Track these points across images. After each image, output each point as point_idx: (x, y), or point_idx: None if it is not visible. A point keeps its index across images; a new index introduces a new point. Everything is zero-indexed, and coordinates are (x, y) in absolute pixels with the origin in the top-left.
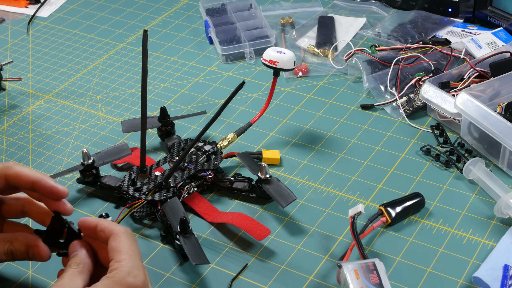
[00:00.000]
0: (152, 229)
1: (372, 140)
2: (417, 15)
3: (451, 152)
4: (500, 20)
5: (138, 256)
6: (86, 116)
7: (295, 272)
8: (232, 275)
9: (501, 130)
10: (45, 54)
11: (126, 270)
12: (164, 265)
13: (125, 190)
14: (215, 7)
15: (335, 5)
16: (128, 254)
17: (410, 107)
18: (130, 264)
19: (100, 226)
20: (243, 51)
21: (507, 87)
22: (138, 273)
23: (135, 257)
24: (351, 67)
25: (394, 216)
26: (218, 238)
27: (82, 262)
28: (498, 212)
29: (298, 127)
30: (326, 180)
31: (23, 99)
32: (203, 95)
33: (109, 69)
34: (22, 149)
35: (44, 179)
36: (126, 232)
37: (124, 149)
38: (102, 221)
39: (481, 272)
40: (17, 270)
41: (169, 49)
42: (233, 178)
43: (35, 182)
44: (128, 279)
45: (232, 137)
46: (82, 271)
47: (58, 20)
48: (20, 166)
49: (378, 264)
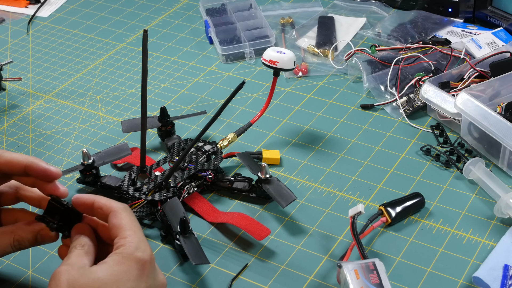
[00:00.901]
0: (152, 229)
1: (372, 140)
2: (417, 15)
3: (451, 152)
4: (500, 20)
5: (141, 231)
6: (86, 116)
7: (295, 272)
8: (232, 275)
9: (501, 130)
10: (45, 54)
11: (134, 245)
12: (164, 265)
13: (125, 190)
14: (215, 7)
15: (335, 5)
16: (132, 230)
17: (410, 107)
18: (136, 239)
19: (97, 203)
20: (243, 51)
21: (507, 87)
22: (145, 248)
23: (139, 232)
24: (351, 67)
25: (394, 216)
26: (218, 238)
27: (86, 243)
28: (498, 212)
29: (298, 127)
30: (326, 180)
31: (23, 99)
32: (203, 95)
33: (109, 69)
34: (22, 149)
35: (36, 162)
36: (125, 209)
37: (124, 149)
38: (99, 198)
39: (481, 272)
40: (17, 270)
41: (169, 49)
42: (233, 178)
43: (27, 166)
44: (137, 254)
45: (232, 137)
46: (87, 252)
47: (58, 20)
48: (9, 153)
49: (378, 264)
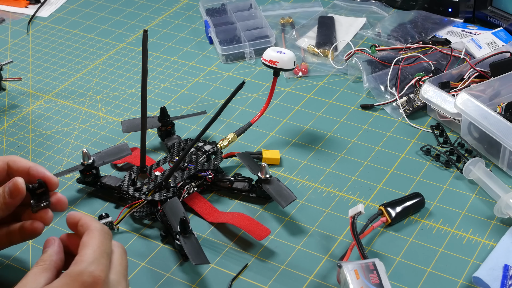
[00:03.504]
0: (152, 229)
1: (372, 140)
2: (417, 15)
3: (451, 152)
4: (500, 20)
5: (105, 254)
6: (86, 116)
7: (295, 272)
8: (232, 275)
9: (501, 130)
10: (45, 54)
11: (84, 265)
12: (164, 265)
13: (125, 190)
14: (215, 7)
15: (335, 5)
16: (92, 249)
17: (410, 107)
18: (91, 259)
19: (81, 221)
20: (243, 51)
21: (507, 87)
22: (95, 269)
23: (100, 253)
24: (351, 67)
25: (394, 216)
26: (218, 238)
27: (48, 259)
28: (498, 212)
29: (298, 127)
30: (326, 180)
31: (23, 99)
32: (203, 95)
33: (109, 69)
34: (22, 149)
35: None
36: (101, 230)
37: (124, 149)
38: (84, 217)
39: (481, 272)
40: (17, 270)
41: (169, 49)
42: (233, 178)
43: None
44: (86, 272)
45: (232, 137)
46: (46, 269)
47: (58, 20)
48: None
49: (378, 264)
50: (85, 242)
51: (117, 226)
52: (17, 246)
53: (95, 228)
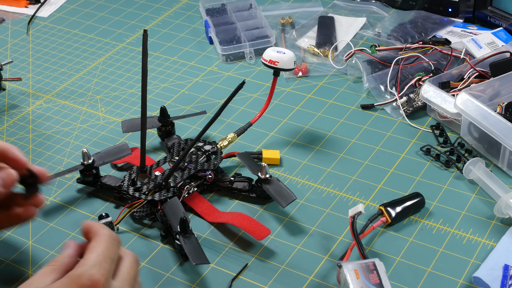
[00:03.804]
0: (152, 229)
1: (372, 140)
2: (417, 15)
3: (451, 152)
4: (500, 20)
5: (108, 259)
6: (86, 116)
7: (295, 272)
8: (232, 275)
9: (501, 130)
10: (45, 54)
11: (85, 268)
12: (164, 265)
13: (125, 190)
14: (215, 7)
15: (335, 5)
16: (96, 254)
17: (410, 107)
18: (93, 263)
19: (91, 228)
20: (243, 51)
21: (507, 87)
22: (95, 273)
23: (103, 258)
24: (351, 67)
25: (394, 216)
26: (218, 238)
27: (60, 261)
28: (498, 212)
29: (298, 127)
30: (326, 180)
31: (23, 99)
32: (203, 95)
33: (109, 69)
34: (22, 149)
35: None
36: (108, 236)
37: (124, 149)
38: (95, 225)
39: (481, 272)
40: (17, 270)
41: (169, 49)
42: (233, 178)
43: None
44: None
45: (232, 137)
46: (55, 270)
47: (58, 20)
48: None
49: (378, 264)
50: (91, 247)
51: (117, 226)
52: (17, 246)
53: (102, 234)
